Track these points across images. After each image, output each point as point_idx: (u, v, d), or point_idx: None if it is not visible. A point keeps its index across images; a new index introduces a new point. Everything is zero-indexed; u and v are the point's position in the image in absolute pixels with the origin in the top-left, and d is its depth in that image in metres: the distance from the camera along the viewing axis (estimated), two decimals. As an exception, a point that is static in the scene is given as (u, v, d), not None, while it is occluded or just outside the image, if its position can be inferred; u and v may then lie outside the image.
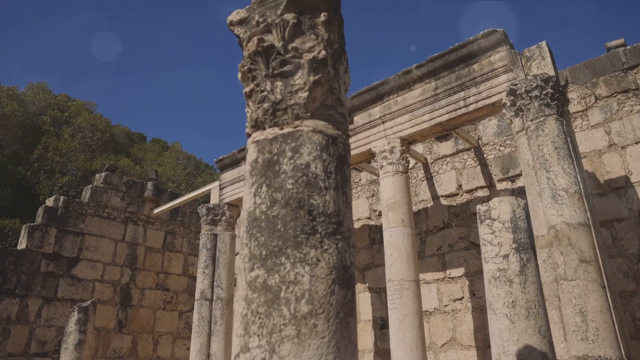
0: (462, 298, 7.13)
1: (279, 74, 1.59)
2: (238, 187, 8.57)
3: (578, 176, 4.72)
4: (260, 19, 1.64)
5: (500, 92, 5.45)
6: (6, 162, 13.02)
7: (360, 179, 8.98)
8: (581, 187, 4.68)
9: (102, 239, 9.97)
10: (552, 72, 5.19)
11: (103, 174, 10.39)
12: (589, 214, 4.61)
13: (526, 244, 2.92)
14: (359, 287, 8.40)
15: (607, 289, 4.36)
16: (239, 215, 9.06)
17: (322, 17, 1.60)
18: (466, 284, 7.14)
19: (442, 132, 6.40)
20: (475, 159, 7.59)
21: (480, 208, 3.12)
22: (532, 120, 5.00)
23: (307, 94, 1.55)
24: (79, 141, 15.54)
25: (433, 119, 5.99)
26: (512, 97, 5.21)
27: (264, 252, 1.39)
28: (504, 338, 2.76)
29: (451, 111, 5.84)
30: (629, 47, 6.48)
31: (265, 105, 1.58)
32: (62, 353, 6.52)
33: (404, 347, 5.36)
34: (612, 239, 6.01)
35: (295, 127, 1.53)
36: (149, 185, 10.87)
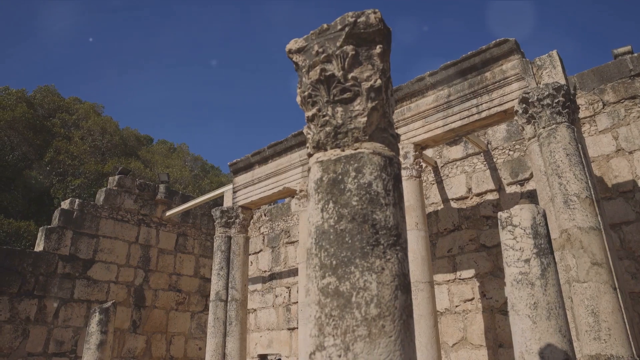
0: (472, 299, 7.30)
1: (339, 101, 1.77)
2: (251, 190, 8.75)
3: (589, 182, 4.89)
4: (320, 49, 1.82)
5: (512, 100, 5.63)
6: (20, 166, 13.22)
7: (370, 182, 9.15)
8: (592, 192, 4.85)
9: (116, 241, 10.15)
10: (562, 81, 5.36)
11: (116, 177, 10.57)
12: (599, 218, 4.79)
13: (546, 249, 3.10)
14: (370, 288, 8.56)
15: (618, 290, 4.54)
16: (252, 217, 9.25)
17: (378, 49, 1.78)
18: (476, 285, 7.32)
19: (455, 137, 6.58)
20: (485, 162, 7.77)
21: (502, 215, 3.29)
22: (544, 127, 5.18)
23: (365, 119, 1.73)
24: (90, 144, 15.75)
25: (446, 125, 6.16)
26: (524, 105, 5.39)
27: (334, 262, 1.57)
28: (526, 337, 2.94)
29: (464, 117, 6.01)
30: (635, 54, 6.66)
31: (327, 128, 1.76)
32: (84, 353, 6.69)
33: (419, 347, 5.53)
34: (620, 242, 6.19)
35: (355, 149, 1.71)
36: (161, 187, 11.06)
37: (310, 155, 1.83)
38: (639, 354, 4.39)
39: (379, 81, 1.77)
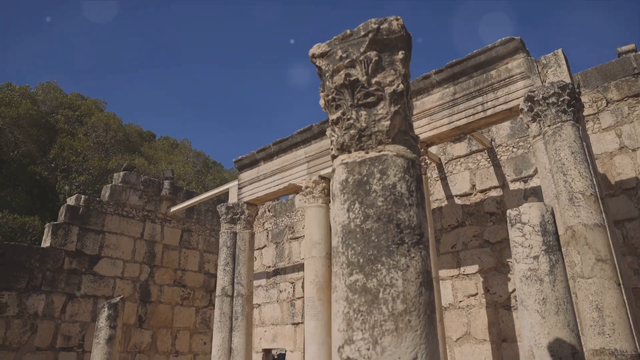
0: (476, 294, 7.39)
1: (363, 105, 1.84)
2: (257, 186, 8.82)
3: (594, 179, 4.97)
4: (344, 55, 1.89)
5: (518, 98, 5.69)
6: (24, 162, 13.28)
7: (374, 179, 9.23)
8: (596, 189, 4.93)
9: (121, 237, 10.23)
10: (567, 79, 5.43)
11: (121, 174, 10.64)
12: (604, 215, 4.87)
13: (555, 246, 3.18)
14: (374, 283, 8.65)
15: (622, 286, 4.62)
16: (257, 214, 9.32)
17: (400, 54, 1.85)
18: (480, 280, 7.41)
19: (460, 135, 6.65)
20: (489, 159, 7.84)
21: (511, 212, 3.37)
22: (549, 125, 5.25)
23: (388, 122, 1.80)
24: (93, 140, 15.81)
25: (451, 122, 6.23)
26: (529, 103, 5.45)
27: (361, 260, 1.64)
28: (535, 332, 3.02)
29: (469, 115, 6.08)
30: (639, 52, 6.71)
31: (352, 131, 1.83)
32: (93, 348, 6.78)
33: (425, 341, 5.61)
34: (622, 238, 6.27)
35: (379, 152, 1.78)
36: (166, 184, 11.13)
37: (334, 156, 1.90)
38: (642, 349, 4.47)
39: (401, 86, 1.84)
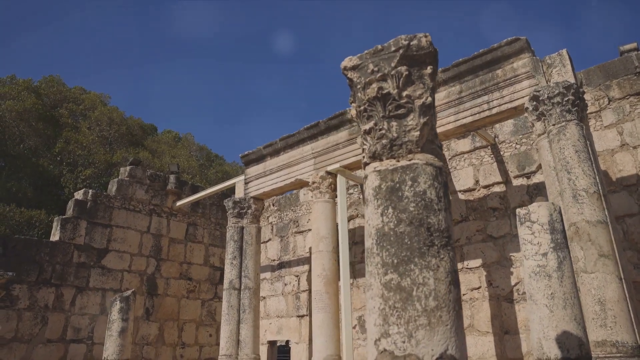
0: (479, 287, 7.58)
1: (394, 116, 1.99)
2: (263, 181, 8.96)
3: (597, 177, 5.13)
4: (375, 68, 2.03)
5: (523, 97, 5.83)
6: (30, 156, 13.38)
7: (379, 174, 9.39)
8: (599, 187, 5.09)
9: (128, 231, 10.37)
10: (572, 80, 5.57)
11: (128, 168, 10.76)
12: (606, 212, 5.04)
13: (562, 243, 3.33)
14: (378, 277, 8.84)
15: (623, 280, 4.80)
16: (263, 208, 9.48)
17: (429, 69, 1.99)
18: (483, 274, 7.59)
19: (465, 132, 6.80)
20: (492, 155, 7.99)
21: (520, 211, 3.52)
22: (554, 124, 5.40)
23: (418, 133, 1.95)
24: (97, 134, 15.90)
25: (457, 120, 6.37)
26: (534, 103, 5.60)
27: (395, 260, 1.79)
28: (544, 325, 3.18)
29: (475, 114, 6.22)
30: (641, 51, 6.85)
31: (384, 141, 1.97)
32: (106, 340, 6.94)
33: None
34: (623, 233, 6.44)
35: (410, 160, 1.92)
36: (172, 178, 11.26)
37: (366, 164, 2.04)
38: (643, 340, 4.66)
39: (429, 99, 1.98)
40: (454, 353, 1.68)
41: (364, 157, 2.06)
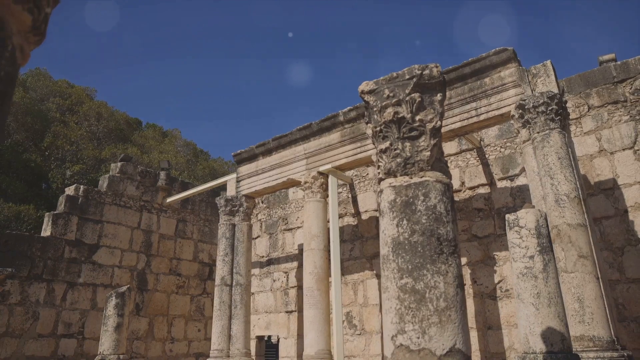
0: (464, 285, 7.90)
1: (407, 137, 2.23)
2: (255, 180, 9.15)
3: (577, 182, 5.47)
4: (391, 94, 2.26)
5: (509, 105, 6.14)
6: (18, 150, 13.28)
7: (367, 174, 9.66)
8: (580, 192, 5.43)
9: (119, 227, 10.46)
10: (555, 89, 5.89)
11: (119, 164, 10.83)
12: (585, 216, 5.38)
13: (547, 247, 3.63)
14: (366, 274, 9.14)
15: (600, 279, 5.15)
16: (255, 206, 9.67)
17: (439, 96, 2.24)
18: (468, 272, 7.92)
19: (454, 137, 7.09)
20: (478, 158, 8.32)
21: (509, 217, 3.81)
22: (538, 132, 5.72)
23: (429, 153, 2.19)
24: (86, 129, 15.81)
25: (446, 125, 6.65)
26: (520, 111, 5.91)
27: (409, 266, 2.04)
28: (530, 321, 3.48)
29: (463, 119, 6.51)
30: (619, 62, 7.23)
31: (398, 160, 2.22)
32: (102, 335, 7.08)
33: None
34: (600, 234, 6.82)
35: (421, 177, 2.17)
36: (162, 174, 11.36)
37: (381, 179, 2.28)
38: (616, 334, 5.01)
39: (439, 123, 2.23)
40: (461, 347, 1.93)
41: (379, 172, 2.30)
